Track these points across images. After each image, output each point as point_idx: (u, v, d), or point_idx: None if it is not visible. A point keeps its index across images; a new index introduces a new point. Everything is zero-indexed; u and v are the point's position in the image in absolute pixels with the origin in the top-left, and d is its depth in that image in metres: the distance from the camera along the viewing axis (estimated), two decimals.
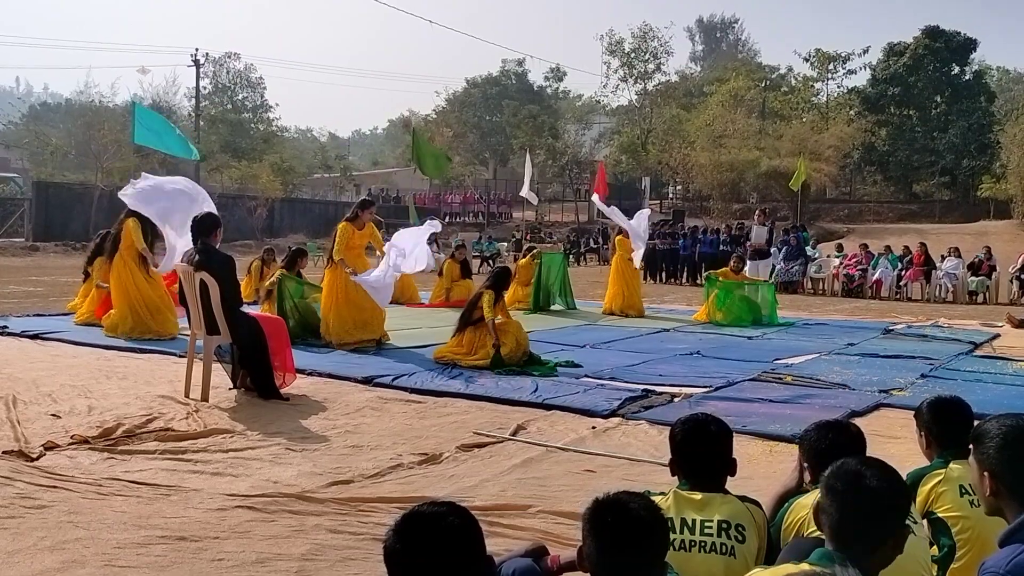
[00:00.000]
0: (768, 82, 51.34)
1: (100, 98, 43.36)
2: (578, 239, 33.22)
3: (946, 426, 2.96)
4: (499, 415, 5.93)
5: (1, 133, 49.49)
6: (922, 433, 3.06)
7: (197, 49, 47.98)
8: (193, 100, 50.17)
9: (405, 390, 6.64)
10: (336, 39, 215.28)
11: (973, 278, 18.23)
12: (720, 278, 12.75)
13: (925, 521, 2.75)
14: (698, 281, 21.89)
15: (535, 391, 6.59)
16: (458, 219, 44.08)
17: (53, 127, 44.93)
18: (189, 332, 6.59)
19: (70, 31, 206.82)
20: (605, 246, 32.56)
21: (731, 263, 13.46)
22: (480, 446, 5.12)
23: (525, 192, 21.37)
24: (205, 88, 52.25)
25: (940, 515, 2.72)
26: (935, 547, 2.73)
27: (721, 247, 21.89)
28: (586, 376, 7.35)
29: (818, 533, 2.26)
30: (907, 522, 2.06)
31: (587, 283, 18.61)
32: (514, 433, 5.40)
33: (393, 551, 1.74)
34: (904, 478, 2.87)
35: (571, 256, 29.69)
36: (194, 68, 48.06)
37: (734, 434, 2.78)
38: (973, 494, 2.70)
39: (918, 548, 2.48)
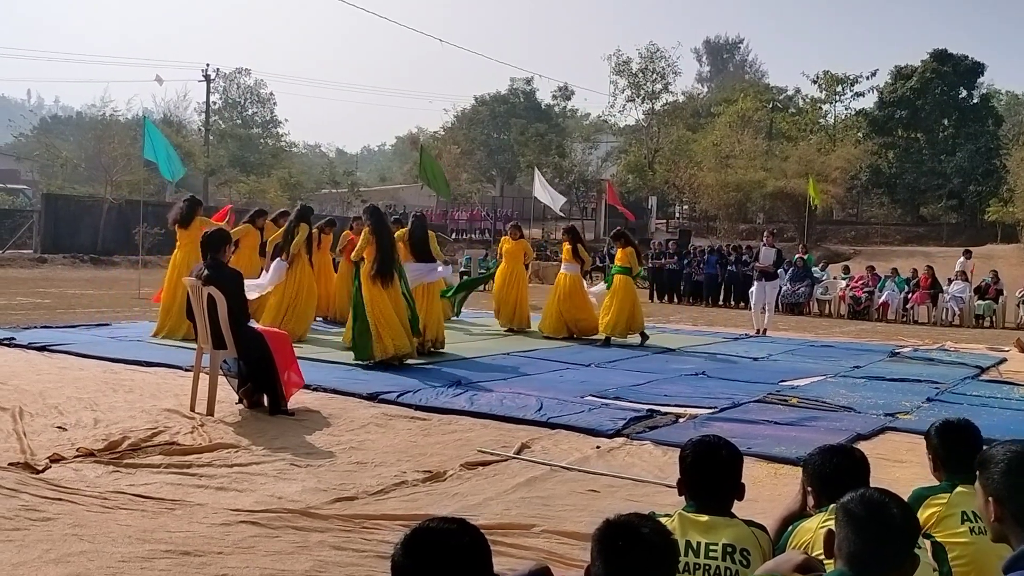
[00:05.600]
0: (775, 103, 51.38)
1: (112, 111, 43.72)
2: None
3: (952, 450, 2.94)
4: (503, 433, 5.93)
5: (11, 145, 49.84)
6: (931, 456, 3.05)
7: (208, 64, 48.59)
8: (203, 115, 50.67)
9: (410, 407, 6.65)
10: (346, 56, 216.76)
11: (980, 302, 18.20)
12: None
13: (929, 543, 2.74)
14: (696, 303, 21.92)
15: (539, 410, 6.59)
16: (464, 236, 44.18)
17: (63, 140, 45.09)
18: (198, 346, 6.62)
19: (82, 44, 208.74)
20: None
21: (509, 231, 12.78)
22: (484, 464, 5.12)
23: (556, 206, 21.69)
24: (215, 103, 52.74)
25: (939, 540, 2.71)
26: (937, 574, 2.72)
27: (729, 268, 21.90)
28: (591, 395, 7.35)
29: (822, 556, 2.27)
30: (915, 549, 2.10)
31: None
32: (518, 452, 5.40)
33: (401, 566, 1.75)
34: (909, 495, 2.87)
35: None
36: (205, 83, 48.62)
37: None
38: (975, 521, 2.68)
39: (923, 572, 2.47)
